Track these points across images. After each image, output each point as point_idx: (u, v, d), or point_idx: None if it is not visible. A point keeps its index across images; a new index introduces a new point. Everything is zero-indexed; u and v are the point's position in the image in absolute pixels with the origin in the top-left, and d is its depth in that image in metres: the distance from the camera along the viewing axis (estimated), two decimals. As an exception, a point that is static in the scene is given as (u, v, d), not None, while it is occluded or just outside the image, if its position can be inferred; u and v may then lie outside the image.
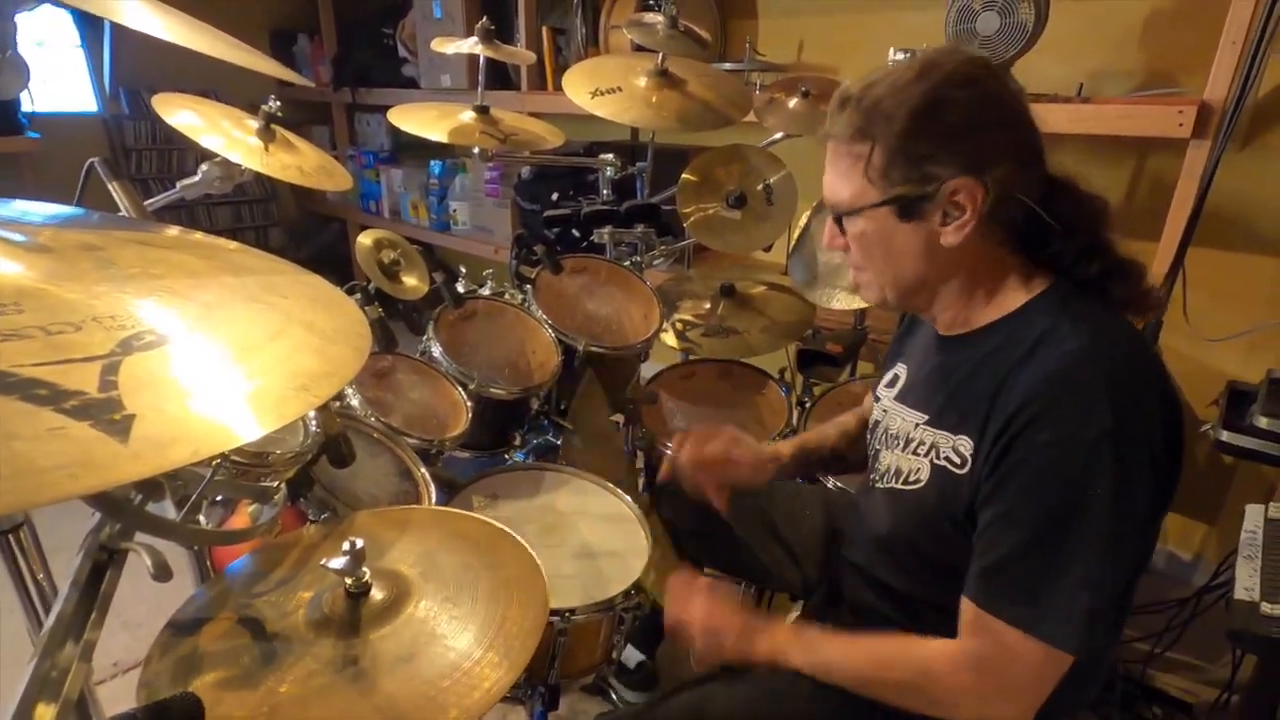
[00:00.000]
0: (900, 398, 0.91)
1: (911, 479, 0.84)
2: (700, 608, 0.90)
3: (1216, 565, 1.50)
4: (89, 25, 3.03)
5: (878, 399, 0.97)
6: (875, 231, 0.79)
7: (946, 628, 0.78)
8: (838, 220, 0.82)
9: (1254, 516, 1.16)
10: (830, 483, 1.34)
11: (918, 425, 0.85)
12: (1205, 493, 1.83)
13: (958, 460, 0.78)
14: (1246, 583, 1.02)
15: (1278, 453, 1.29)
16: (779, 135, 1.82)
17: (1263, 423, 1.31)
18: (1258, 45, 1.31)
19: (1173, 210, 1.46)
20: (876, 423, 0.96)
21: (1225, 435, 1.33)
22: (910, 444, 0.85)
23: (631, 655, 1.36)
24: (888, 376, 0.97)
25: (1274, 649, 0.93)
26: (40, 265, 0.39)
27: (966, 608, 0.74)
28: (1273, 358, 1.65)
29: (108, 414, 0.33)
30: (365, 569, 0.71)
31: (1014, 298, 0.79)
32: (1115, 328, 0.76)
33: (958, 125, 0.73)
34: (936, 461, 0.81)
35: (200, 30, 0.81)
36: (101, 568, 0.60)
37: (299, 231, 3.83)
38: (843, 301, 1.65)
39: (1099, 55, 1.78)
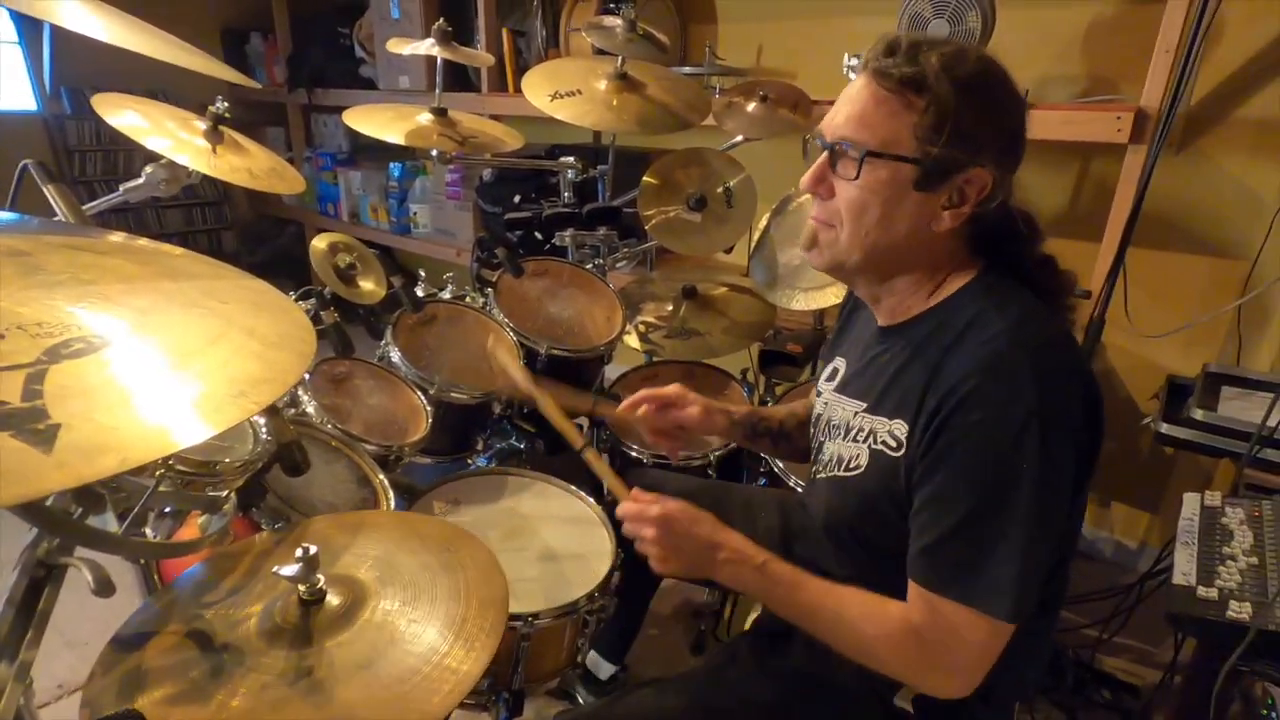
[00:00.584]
0: (840, 389, 0.93)
1: (852, 465, 0.86)
2: (660, 510, 0.85)
3: (1159, 551, 1.57)
4: (26, 20, 2.91)
5: (819, 393, 0.99)
6: (884, 186, 0.76)
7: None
8: (848, 161, 0.76)
9: (1191, 504, 1.21)
10: (793, 481, 1.36)
11: (857, 413, 0.87)
12: (1148, 483, 1.91)
13: (893, 444, 0.80)
14: (1184, 568, 1.06)
15: (1212, 443, 1.35)
16: (738, 139, 1.84)
17: (1198, 415, 1.37)
18: (1189, 53, 1.37)
19: (1113, 212, 1.52)
20: (819, 415, 0.98)
21: (1165, 427, 1.39)
22: (850, 431, 0.88)
23: (604, 667, 1.35)
24: (827, 370, 0.99)
25: (1209, 630, 0.97)
26: (-39, 273, 0.38)
27: (910, 586, 0.77)
28: (1208, 352, 1.73)
29: (31, 423, 0.32)
30: (320, 575, 0.70)
31: (944, 289, 0.82)
32: (1038, 312, 0.79)
33: (1003, 120, 0.76)
34: (874, 446, 0.83)
35: (142, 31, 0.79)
36: (39, 584, 0.58)
37: (253, 235, 3.74)
38: (802, 302, 1.67)
39: (1044, 63, 1.84)
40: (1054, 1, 1.80)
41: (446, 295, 1.64)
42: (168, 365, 0.38)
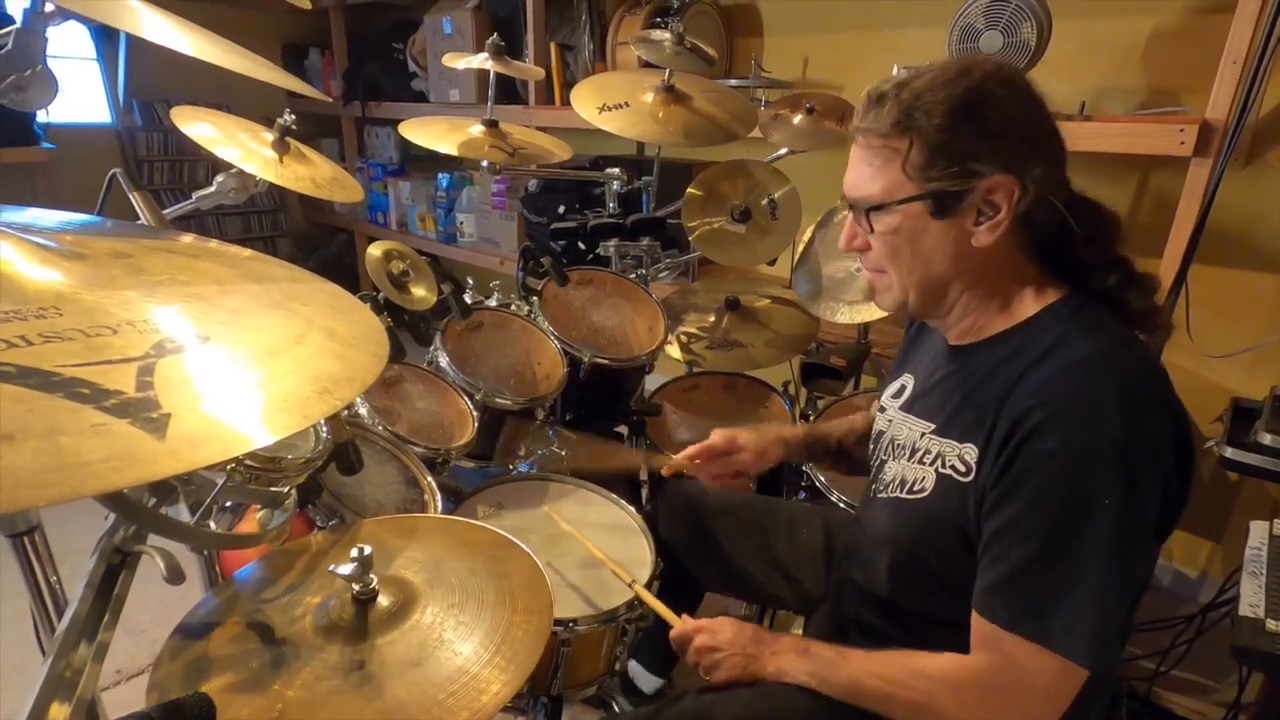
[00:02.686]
0: (907, 407, 0.91)
1: (916, 488, 0.83)
2: (706, 626, 0.92)
3: (1222, 582, 1.50)
4: (105, 38, 3.08)
5: (883, 409, 0.97)
6: (906, 228, 0.77)
7: (951, 642, 0.77)
8: (862, 217, 0.80)
9: (1259, 533, 1.16)
10: (835, 496, 1.34)
11: (924, 434, 0.85)
12: (1210, 509, 1.83)
13: (962, 468, 0.77)
14: (1251, 599, 1.01)
15: (1282, 469, 1.29)
16: (784, 150, 1.84)
17: (1267, 439, 1.31)
18: (1259, 64, 1.32)
19: (1175, 227, 1.47)
20: (881, 433, 0.95)
21: (1230, 452, 1.33)
22: (916, 453, 0.85)
23: (649, 680, 1.35)
24: (893, 386, 0.97)
25: (1279, 666, 0.93)
26: (76, 272, 0.41)
27: (976, 622, 0.73)
28: (1276, 374, 1.65)
29: (145, 412, 0.34)
30: (372, 575, 0.72)
31: (1027, 306, 0.79)
32: (1129, 339, 0.76)
33: (999, 123, 0.73)
34: (942, 470, 0.80)
35: (218, 44, 0.83)
36: (115, 570, 0.61)
37: (307, 242, 3.87)
38: (846, 315, 1.66)
39: (1101, 73, 1.80)
40: (1112, 11, 1.76)
41: (493, 303, 1.67)
42: (258, 362, 0.40)
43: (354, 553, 0.71)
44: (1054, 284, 0.80)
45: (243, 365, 0.40)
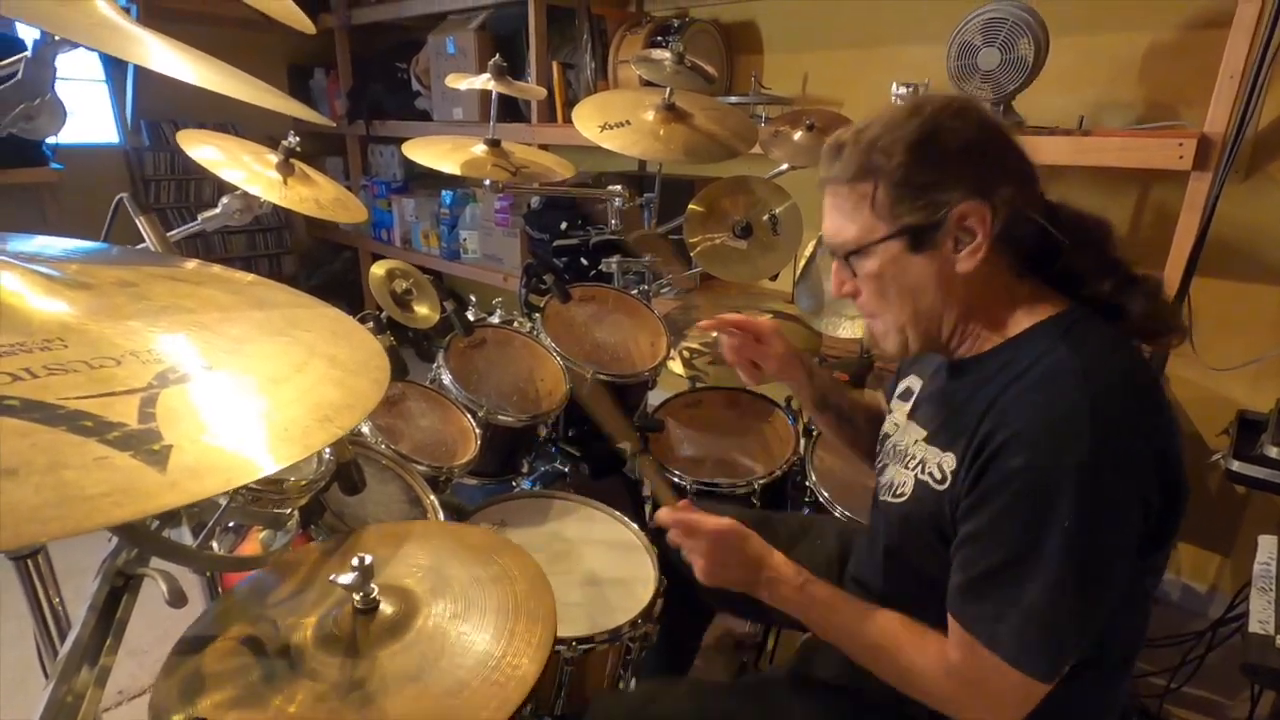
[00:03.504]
0: (911, 414, 0.92)
1: (898, 492, 0.85)
2: (711, 524, 0.88)
3: (1231, 597, 1.48)
4: (113, 61, 3.13)
5: (890, 409, 0.98)
6: (888, 268, 0.79)
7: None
8: (843, 262, 0.83)
9: (1267, 547, 1.15)
10: (839, 512, 1.33)
11: (917, 441, 0.86)
12: (1218, 523, 1.81)
13: (939, 476, 0.79)
14: (1261, 615, 1.01)
15: (1290, 483, 1.28)
16: (784, 167, 1.85)
17: (1273, 452, 1.30)
18: (1256, 78, 1.33)
19: (1176, 241, 1.47)
20: (886, 436, 0.96)
21: (1236, 465, 1.33)
22: (906, 458, 0.86)
23: None
24: (901, 387, 0.97)
25: (1290, 683, 0.92)
26: (81, 302, 0.41)
27: (949, 619, 0.75)
28: (1282, 387, 1.65)
29: (147, 444, 0.35)
30: (373, 585, 0.72)
31: (1021, 322, 0.79)
32: (1115, 355, 0.75)
33: (956, 151, 0.75)
34: (920, 476, 0.82)
35: (224, 72, 0.85)
36: (118, 593, 0.61)
37: (311, 259, 3.89)
38: (849, 330, 1.66)
39: (1099, 88, 1.81)
40: (1109, 27, 1.78)
41: (495, 320, 1.67)
42: (260, 391, 0.41)
43: (355, 562, 0.70)
44: (1051, 299, 0.80)
45: (245, 394, 0.40)
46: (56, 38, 0.65)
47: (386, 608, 0.73)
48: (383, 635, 0.71)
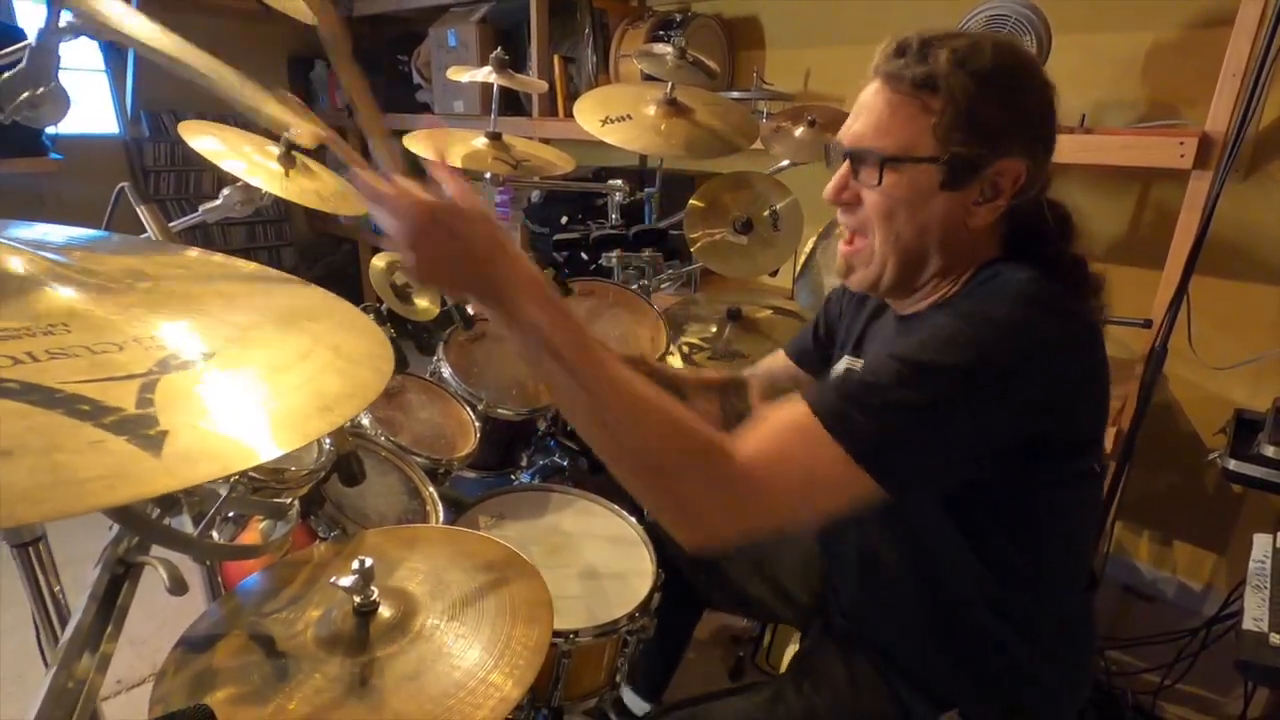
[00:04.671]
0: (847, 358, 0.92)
1: None
2: (420, 202, 0.62)
3: (1226, 595, 1.49)
4: (113, 51, 3.12)
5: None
6: (909, 189, 0.74)
7: (947, 626, 0.80)
8: (872, 168, 0.75)
9: (1262, 546, 1.16)
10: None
11: (849, 368, 0.86)
12: (1213, 522, 1.82)
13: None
14: (1255, 613, 1.01)
15: (1286, 482, 1.28)
16: (785, 163, 1.85)
17: (1270, 451, 1.31)
18: (1258, 77, 1.33)
19: (1175, 240, 1.47)
20: None
21: (1233, 464, 1.33)
22: None
23: (638, 704, 1.35)
24: (838, 367, 0.93)
25: (1284, 680, 0.92)
26: (89, 288, 0.42)
27: (784, 409, 0.67)
28: (1279, 386, 1.65)
29: (143, 429, 0.35)
30: (374, 588, 0.72)
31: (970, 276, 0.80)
32: (1060, 293, 0.73)
33: (1026, 107, 0.73)
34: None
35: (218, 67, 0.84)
36: (119, 581, 0.61)
37: (311, 251, 3.89)
38: (848, 326, 1.66)
39: (1101, 87, 1.81)
40: (1111, 26, 1.77)
41: (495, 313, 1.67)
42: (261, 379, 0.41)
43: (355, 565, 0.71)
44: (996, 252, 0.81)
45: (245, 382, 0.40)
46: (61, 23, 0.65)
47: (386, 610, 0.73)
48: (383, 637, 0.72)
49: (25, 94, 0.64)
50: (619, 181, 1.91)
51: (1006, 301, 0.69)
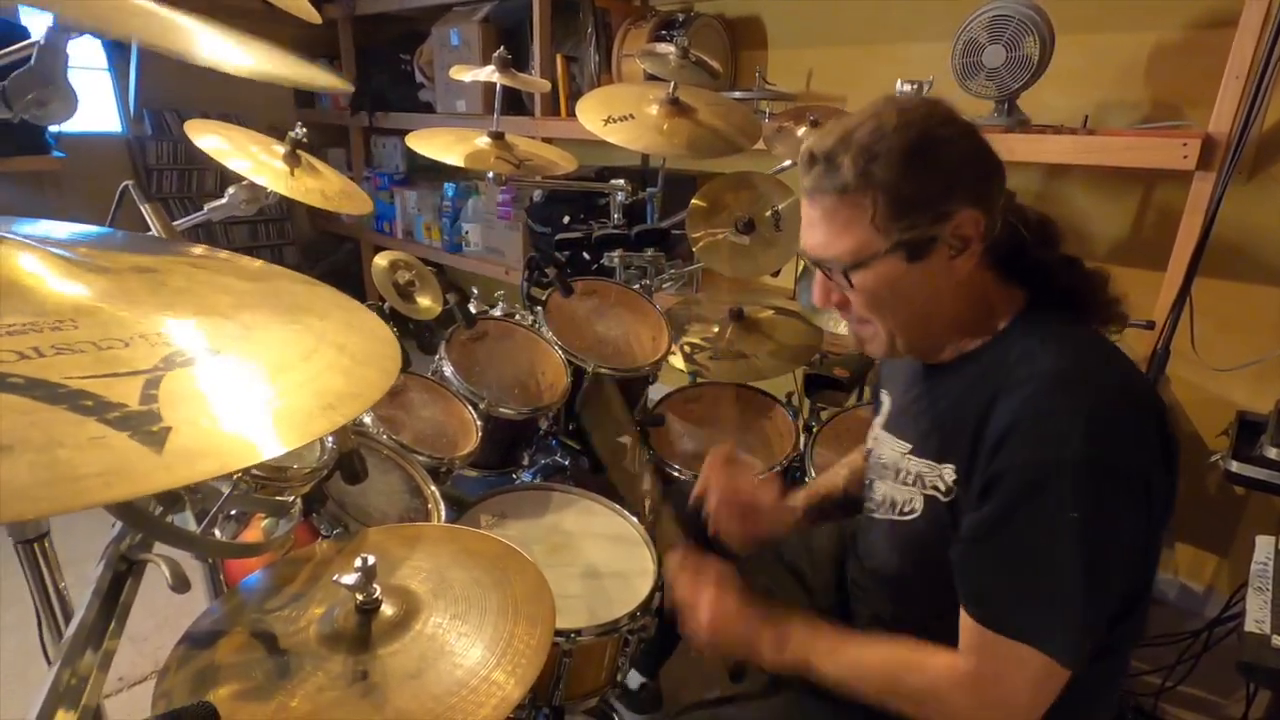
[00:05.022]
0: (887, 426, 0.92)
1: (906, 510, 0.84)
2: (709, 601, 0.88)
3: (1228, 597, 1.49)
4: (117, 50, 3.12)
5: (871, 426, 0.98)
6: (882, 281, 0.77)
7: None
8: (839, 276, 0.80)
9: (1264, 548, 1.16)
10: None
11: (904, 455, 0.86)
12: (1216, 523, 1.82)
13: (943, 488, 0.79)
14: (1258, 615, 1.01)
15: (1288, 484, 1.28)
16: (787, 163, 1.85)
17: (1273, 453, 1.30)
18: (1261, 78, 1.33)
19: (1178, 241, 1.47)
20: (870, 450, 0.96)
21: (1235, 466, 1.33)
22: (900, 474, 0.86)
23: (634, 677, 1.36)
24: (876, 405, 0.98)
25: (1286, 682, 0.92)
26: (98, 285, 0.42)
27: (963, 622, 0.75)
28: (1282, 388, 1.65)
29: (146, 425, 0.35)
30: (376, 585, 0.72)
31: (997, 321, 0.80)
32: (1095, 347, 0.76)
33: (953, 160, 0.74)
34: (925, 492, 0.81)
35: (274, 56, 0.84)
36: (121, 578, 0.61)
37: (314, 250, 3.89)
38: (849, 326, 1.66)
39: (1105, 88, 1.80)
40: (1115, 26, 1.77)
41: (498, 312, 1.68)
42: (265, 377, 0.41)
43: (358, 562, 0.71)
44: (1013, 294, 0.81)
45: (249, 379, 0.40)
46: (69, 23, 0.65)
47: (388, 608, 0.73)
48: (385, 635, 0.72)
49: (33, 92, 0.64)
50: (621, 181, 1.91)
51: (1064, 427, 0.69)
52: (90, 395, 0.35)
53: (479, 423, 1.38)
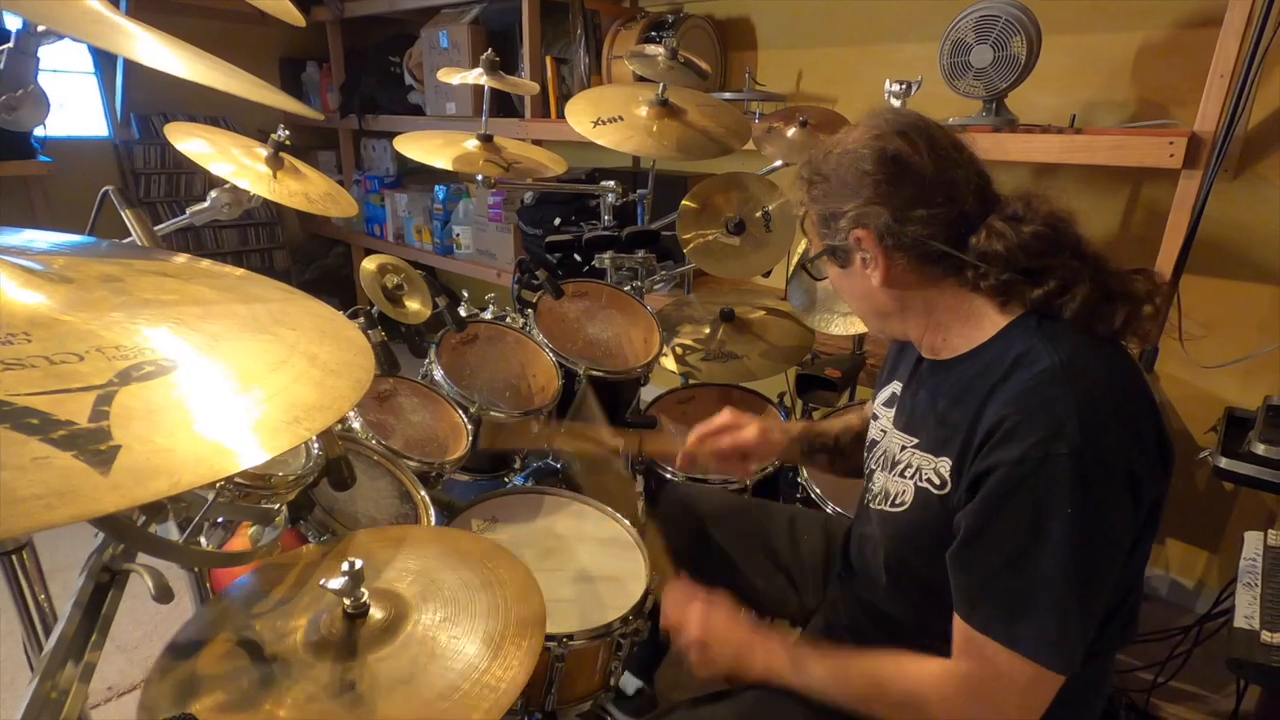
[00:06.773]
0: (896, 421, 0.93)
1: (897, 501, 0.86)
2: (698, 619, 0.91)
3: (1218, 593, 1.50)
4: (103, 54, 3.10)
5: (875, 416, 0.98)
6: (832, 276, 0.91)
7: (942, 653, 0.78)
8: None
9: (1253, 544, 1.16)
10: (830, 508, 1.34)
11: (905, 448, 0.87)
12: (1206, 519, 1.83)
13: (938, 481, 0.79)
14: (1246, 611, 1.02)
15: (1276, 479, 1.29)
16: (778, 163, 1.85)
17: (1261, 449, 1.31)
18: (1246, 77, 1.34)
19: (1165, 239, 1.48)
20: (874, 442, 0.96)
21: (1224, 462, 1.34)
22: (898, 466, 0.87)
23: (630, 682, 1.35)
24: (885, 394, 0.98)
25: (1275, 678, 0.93)
26: (60, 295, 0.40)
27: (957, 625, 0.76)
28: (1269, 384, 1.66)
29: (94, 444, 0.33)
30: (364, 590, 0.71)
31: (989, 326, 0.81)
32: (1092, 347, 0.76)
33: (845, 182, 0.82)
34: (919, 484, 0.82)
35: (215, 66, 0.84)
36: (103, 589, 0.61)
37: (303, 254, 3.87)
38: (841, 326, 1.66)
39: (1092, 87, 1.82)
40: (1102, 26, 1.78)
41: (488, 315, 1.67)
42: (229, 390, 0.39)
43: (345, 566, 0.70)
44: (1015, 302, 0.80)
45: (212, 392, 0.39)
46: (39, 28, 0.64)
47: (376, 612, 0.73)
48: (373, 640, 0.71)
49: (3, 97, 0.63)
50: (611, 183, 1.91)
51: (1057, 422, 0.69)
52: (36, 413, 0.33)
53: (469, 426, 1.37)
